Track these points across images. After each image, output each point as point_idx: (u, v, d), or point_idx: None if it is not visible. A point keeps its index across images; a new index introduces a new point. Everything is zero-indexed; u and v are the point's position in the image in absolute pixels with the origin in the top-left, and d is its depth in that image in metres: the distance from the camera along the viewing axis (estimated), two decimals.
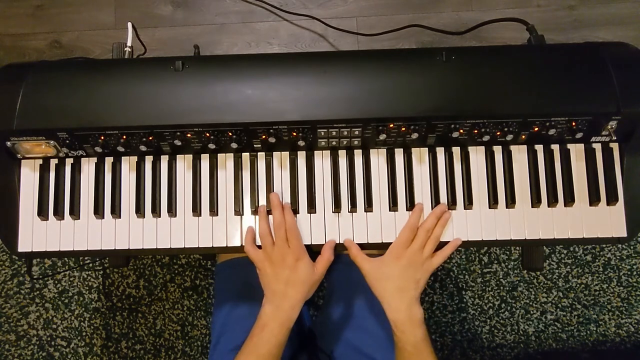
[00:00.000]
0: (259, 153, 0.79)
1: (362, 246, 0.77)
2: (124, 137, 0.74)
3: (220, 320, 0.90)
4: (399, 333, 0.73)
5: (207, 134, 0.74)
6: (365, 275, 0.76)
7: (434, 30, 0.99)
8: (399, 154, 0.79)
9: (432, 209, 0.78)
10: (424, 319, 0.74)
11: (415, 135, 0.74)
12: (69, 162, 0.79)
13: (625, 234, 0.77)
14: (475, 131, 0.74)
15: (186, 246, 0.78)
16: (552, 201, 0.77)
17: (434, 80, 0.73)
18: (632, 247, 1.43)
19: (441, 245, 0.77)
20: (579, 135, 0.75)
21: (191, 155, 0.79)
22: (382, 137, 0.75)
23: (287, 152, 0.79)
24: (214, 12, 1.17)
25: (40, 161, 0.79)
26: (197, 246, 0.78)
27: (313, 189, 0.78)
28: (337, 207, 0.77)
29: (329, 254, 0.76)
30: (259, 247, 0.76)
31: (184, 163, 0.79)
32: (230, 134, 0.74)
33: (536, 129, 0.74)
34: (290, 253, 0.74)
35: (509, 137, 0.76)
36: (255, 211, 0.78)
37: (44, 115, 0.72)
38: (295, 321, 0.74)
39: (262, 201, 0.78)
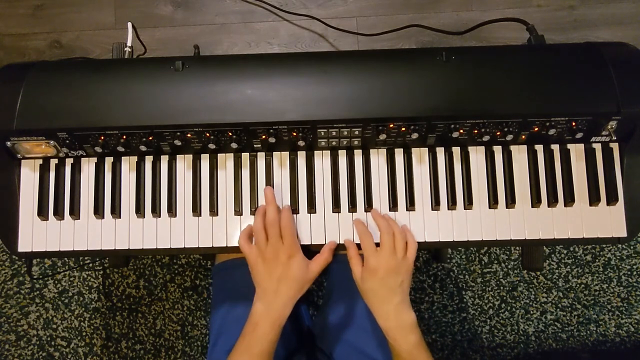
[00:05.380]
0: (259, 153, 0.79)
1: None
2: (124, 137, 0.74)
3: (218, 321, 0.90)
4: (392, 341, 0.73)
5: (207, 134, 0.74)
6: (355, 282, 0.76)
7: (434, 30, 0.99)
8: (399, 154, 0.79)
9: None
10: (416, 323, 0.73)
11: (415, 135, 0.74)
12: (69, 162, 0.79)
13: (625, 234, 0.77)
14: (475, 131, 0.74)
15: (186, 246, 0.78)
16: (552, 201, 0.77)
17: (434, 80, 0.73)
18: (632, 247, 1.43)
19: None
20: (579, 135, 0.75)
21: (191, 155, 0.79)
22: (382, 137, 0.75)
23: (287, 152, 0.79)
24: (214, 12, 1.17)
25: (40, 161, 0.79)
26: (197, 246, 0.78)
27: (313, 189, 0.78)
28: (337, 207, 0.77)
29: (327, 254, 0.76)
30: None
31: (184, 163, 0.79)
32: (230, 134, 0.74)
33: (536, 129, 0.74)
34: (284, 250, 0.73)
35: (509, 137, 0.76)
36: (254, 211, 0.78)
37: (44, 115, 0.72)
38: (287, 319, 0.74)
39: (262, 202, 0.78)
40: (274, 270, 0.73)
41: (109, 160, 0.79)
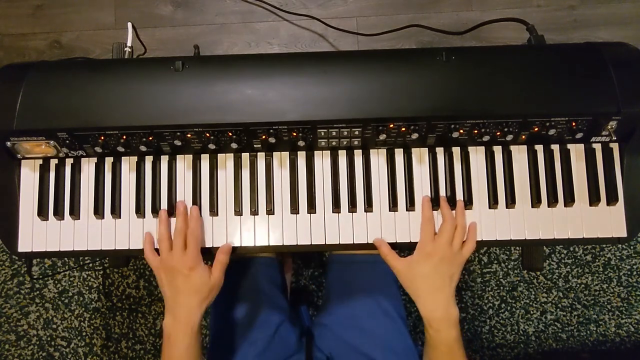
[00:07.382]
0: (259, 153, 0.79)
1: (362, 247, 0.77)
2: (124, 137, 0.74)
3: (217, 321, 0.90)
4: (433, 332, 0.72)
5: (207, 134, 0.74)
6: (398, 275, 0.76)
7: (434, 30, 0.99)
8: (399, 154, 0.79)
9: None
10: (459, 320, 0.73)
11: (415, 136, 0.74)
12: (69, 162, 0.79)
13: (625, 234, 0.77)
14: (475, 131, 0.74)
15: None
16: (552, 201, 0.77)
17: (434, 80, 0.73)
18: (632, 247, 1.43)
19: None
20: (579, 135, 0.75)
21: (191, 155, 0.79)
22: (382, 137, 0.75)
23: (287, 152, 0.79)
24: (214, 12, 1.17)
25: (40, 161, 0.79)
26: None
27: (313, 189, 0.78)
28: (336, 207, 0.77)
29: (222, 257, 0.75)
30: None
31: (184, 163, 0.79)
32: (230, 134, 0.74)
33: (536, 129, 0.74)
34: (184, 261, 0.72)
35: (509, 137, 0.76)
36: (255, 211, 0.78)
37: (44, 115, 0.72)
38: (200, 323, 0.73)
39: (262, 202, 0.78)
40: (174, 281, 0.73)
41: (109, 161, 0.79)
